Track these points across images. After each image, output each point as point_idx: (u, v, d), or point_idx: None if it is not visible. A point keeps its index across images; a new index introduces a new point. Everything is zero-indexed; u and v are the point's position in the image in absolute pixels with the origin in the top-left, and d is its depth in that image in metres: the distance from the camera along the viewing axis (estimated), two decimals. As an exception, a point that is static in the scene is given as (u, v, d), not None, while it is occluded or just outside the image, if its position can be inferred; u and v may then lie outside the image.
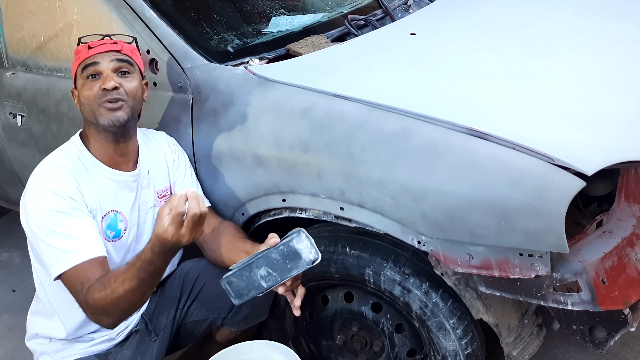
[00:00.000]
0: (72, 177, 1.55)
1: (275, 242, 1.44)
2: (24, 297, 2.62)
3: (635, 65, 1.72)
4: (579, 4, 2.15)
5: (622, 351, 2.09)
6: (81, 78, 1.60)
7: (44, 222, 1.49)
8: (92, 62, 1.58)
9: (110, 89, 1.55)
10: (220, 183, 1.75)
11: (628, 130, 1.45)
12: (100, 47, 1.60)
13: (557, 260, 1.38)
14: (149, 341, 1.75)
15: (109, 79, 1.56)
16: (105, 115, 1.56)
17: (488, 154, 1.35)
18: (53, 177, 1.54)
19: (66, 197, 1.51)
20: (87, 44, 1.61)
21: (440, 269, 1.55)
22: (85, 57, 1.59)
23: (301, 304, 1.56)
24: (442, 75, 1.68)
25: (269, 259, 1.40)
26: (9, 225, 3.18)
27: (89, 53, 1.59)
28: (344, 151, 1.50)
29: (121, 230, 1.64)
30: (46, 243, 1.48)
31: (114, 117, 1.56)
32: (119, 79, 1.58)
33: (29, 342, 1.75)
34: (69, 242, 1.47)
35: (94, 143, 1.62)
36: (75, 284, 1.46)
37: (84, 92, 1.59)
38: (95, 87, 1.57)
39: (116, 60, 1.59)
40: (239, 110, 1.69)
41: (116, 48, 1.61)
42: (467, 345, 1.62)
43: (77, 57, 1.62)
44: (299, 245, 1.39)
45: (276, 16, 2.13)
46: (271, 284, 1.41)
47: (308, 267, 1.39)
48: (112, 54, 1.60)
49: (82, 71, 1.59)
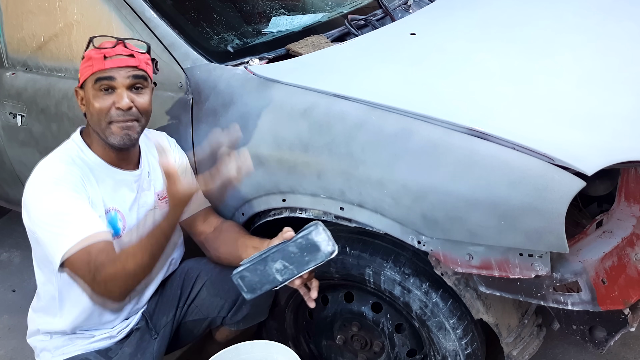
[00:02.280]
0: (74, 173, 1.54)
1: (290, 235, 1.45)
2: (24, 297, 2.62)
3: (635, 65, 1.72)
4: (579, 4, 2.15)
5: (622, 351, 2.09)
6: (93, 88, 1.53)
7: (47, 209, 1.47)
8: (107, 76, 1.51)
9: (124, 109, 1.52)
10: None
11: (628, 130, 1.45)
12: (117, 61, 1.52)
13: (557, 260, 1.38)
14: (149, 339, 1.75)
15: (123, 98, 1.51)
16: (117, 134, 1.53)
17: (488, 154, 1.35)
18: (56, 168, 1.52)
19: (69, 183, 1.49)
20: (103, 52, 1.52)
21: (440, 269, 1.55)
22: (101, 69, 1.51)
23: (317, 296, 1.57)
24: (442, 75, 1.68)
25: (285, 252, 1.40)
26: (9, 225, 3.18)
27: (105, 65, 1.51)
28: (344, 151, 1.50)
29: (120, 230, 1.64)
30: (50, 231, 1.46)
31: (126, 138, 1.54)
32: (132, 94, 1.54)
33: (29, 339, 1.75)
34: (73, 225, 1.45)
35: (97, 145, 1.61)
36: (82, 267, 1.43)
37: (94, 103, 1.53)
38: (107, 102, 1.52)
39: (132, 77, 1.53)
40: (239, 110, 1.69)
41: (133, 63, 1.53)
42: (467, 345, 1.62)
43: (90, 63, 1.53)
44: (317, 237, 1.39)
45: (276, 16, 2.13)
46: (287, 277, 1.41)
47: (327, 260, 1.40)
48: (129, 70, 1.53)
49: (95, 82, 1.52)
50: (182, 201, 1.45)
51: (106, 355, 1.68)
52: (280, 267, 1.40)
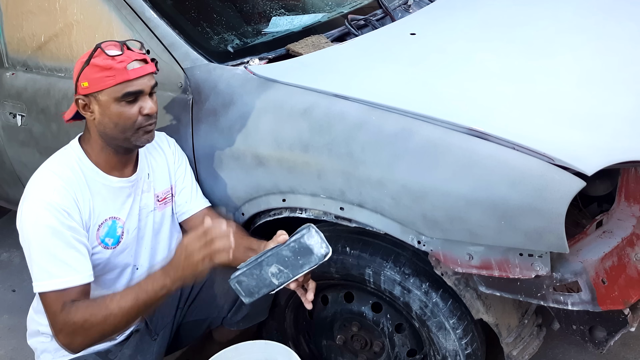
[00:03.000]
0: (70, 189, 1.54)
1: (284, 238, 1.45)
2: (24, 297, 2.62)
3: (635, 65, 1.72)
4: (579, 4, 2.15)
5: (622, 351, 2.09)
6: (115, 100, 1.51)
7: (37, 237, 1.49)
8: (136, 89, 1.51)
9: (152, 114, 1.55)
10: (220, 183, 1.75)
11: (628, 130, 1.45)
12: (140, 70, 1.52)
13: (557, 260, 1.38)
14: (149, 340, 1.75)
15: (149, 104, 1.54)
16: (143, 137, 1.57)
17: (488, 153, 1.35)
18: (51, 187, 1.52)
19: (62, 211, 1.50)
20: (123, 63, 1.50)
21: (440, 269, 1.55)
22: (126, 79, 1.50)
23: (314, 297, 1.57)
24: (442, 75, 1.68)
25: (279, 256, 1.40)
26: (9, 225, 3.18)
27: (129, 75, 1.50)
28: (344, 151, 1.50)
29: (120, 237, 1.64)
30: (34, 258, 1.50)
31: (150, 138, 1.59)
32: (151, 100, 1.56)
33: (30, 340, 1.75)
34: (57, 265, 1.48)
35: (98, 151, 1.60)
36: (53, 305, 1.48)
37: (121, 114, 1.52)
38: (134, 110, 1.52)
39: (153, 85, 1.56)
40: (239, 110, 1.69)
41: (151, 70, 1.55)
42: (467, 345, 1.62)
43: (111, 74, 1.49)
44: (310, 240, 1.39)
45: (276, 16, 2.13)
46: (283, 281, 1.41)
47: (320, 263, 1.40)
48: (149, 78, 1.55)
49: (121, 95, 1.50)
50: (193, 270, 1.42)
51: (106, 357, 1.68)
52: (276, 271, 1.41)
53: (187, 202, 1.76)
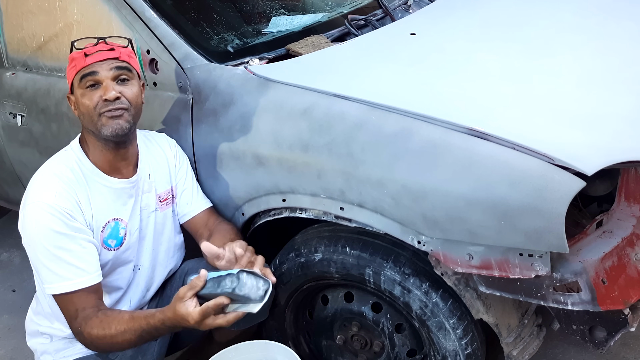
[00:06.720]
0: (71, 190, 1.54)
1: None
2: (24, 297, 2.62)
3: (635, 65, 1.72)
4: (579, 4, 2.15)
5: (622, 351, 2.09)
6: (80, 87, 1.55)
7: (42, 241, 1.49)
8: (90, 71, 1.53)
9: (112, 99, 1.52)
10: (220, 183, 1.75)
11: (628, 130, 1.45)
12: (97, 55, 1.53)
13: (557, 260, 1.37)
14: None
15: (109, 89, 1.52)
16: (108, 124, 1.53)
17: (488, 154, 1.35)
18: (53, 190, 1.52)
19: (65, 213, 1.50)
20: (82, 51, 1.54)
21: (440, 269, 1.55)
22: (83, 66, 1.53)
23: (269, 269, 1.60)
24: (442, 75, 1.68)
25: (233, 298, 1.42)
26: (9, 225, 3.18)
27: (86, 61, 1.53)
28: (344, 151, 1.50)
29: (122, 238, 1.64)
30: (42, 263, 1.50)
31: (117, 127, 1.54)
32: (119, 86, 1.54)
33: (30, 342, 1.75)
34: (65, 267, 1.49)
35: (93, 150, 1.60)
36: (69, 308, 1.51)
37: (83, 101, 1.54)
38: (95, 96, 1.53)
39: (115, 68, 1.54)
40: (239, 110, 1.69)
41: (114, 55, 1.55)
42: (467, 345, 1.62)
43: (73, 64, 1.56)
44: (243, 290, 1.41)
45: (276, 16, 2.13)
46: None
47: (264, 302, 1.42)
48: (111, 62, 1.54)
49: (80, 80, 1.54)
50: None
51: (107, 357, 1.68)
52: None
53: (188, 204, 1.76)
